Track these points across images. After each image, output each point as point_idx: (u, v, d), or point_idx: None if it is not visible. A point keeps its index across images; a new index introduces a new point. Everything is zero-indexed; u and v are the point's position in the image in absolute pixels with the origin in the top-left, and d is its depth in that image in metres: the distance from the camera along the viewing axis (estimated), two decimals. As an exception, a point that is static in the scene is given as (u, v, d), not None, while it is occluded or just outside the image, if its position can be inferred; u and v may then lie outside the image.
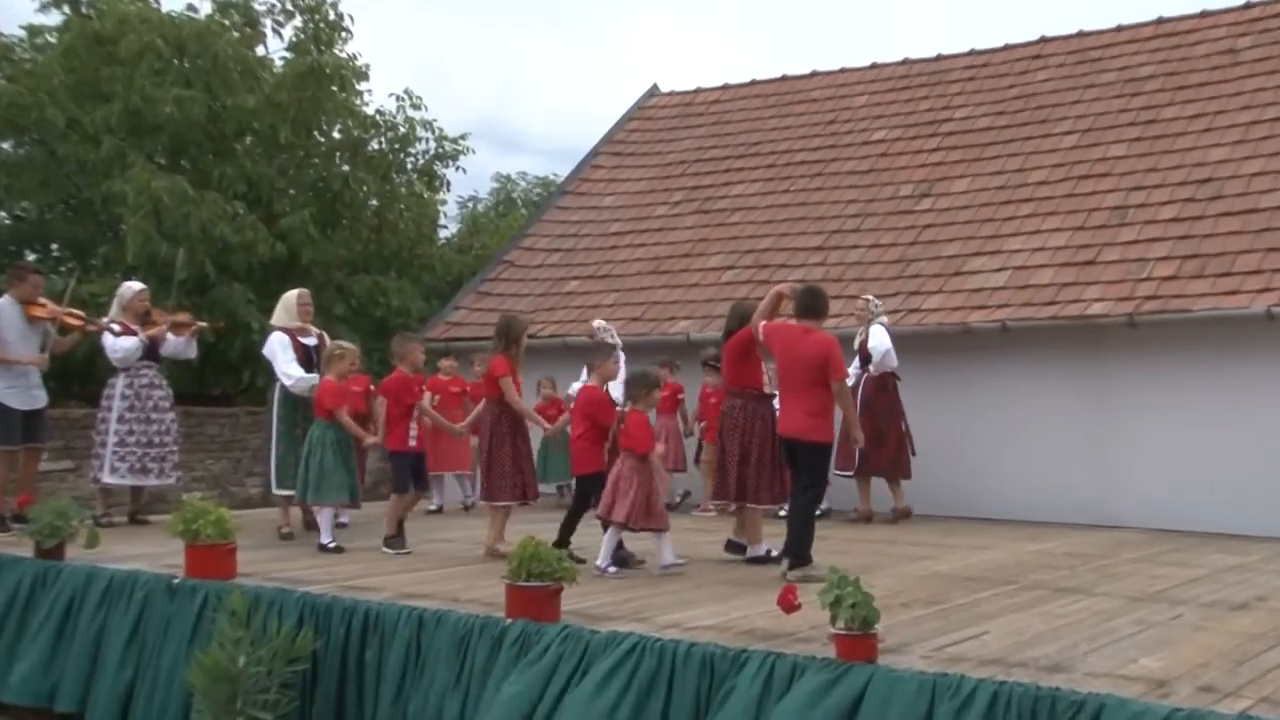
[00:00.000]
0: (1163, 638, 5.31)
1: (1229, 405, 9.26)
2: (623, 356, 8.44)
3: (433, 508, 10.46)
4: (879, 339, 9.45)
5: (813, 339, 6.81)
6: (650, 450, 6.86)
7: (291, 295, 8.81)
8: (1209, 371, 9.37)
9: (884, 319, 9.74)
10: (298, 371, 8.45)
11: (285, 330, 8.60)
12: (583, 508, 7.26)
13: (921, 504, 9.88)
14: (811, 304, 6.91)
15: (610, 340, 9.07)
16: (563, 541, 6.97)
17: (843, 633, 4.67)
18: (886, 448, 9.42)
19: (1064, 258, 10.39)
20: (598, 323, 9.68)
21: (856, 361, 9.66)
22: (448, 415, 9.24)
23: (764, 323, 7.06)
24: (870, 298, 9.92)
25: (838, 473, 9.35)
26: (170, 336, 9.36)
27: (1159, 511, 9.41)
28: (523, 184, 29.25)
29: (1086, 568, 7.43)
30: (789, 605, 4.97)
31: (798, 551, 6.62)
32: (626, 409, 7.01)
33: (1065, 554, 8.03)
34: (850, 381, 8.99)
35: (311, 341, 8.67)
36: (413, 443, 7.81)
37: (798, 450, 6.77)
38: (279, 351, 8.50)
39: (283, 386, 8.52)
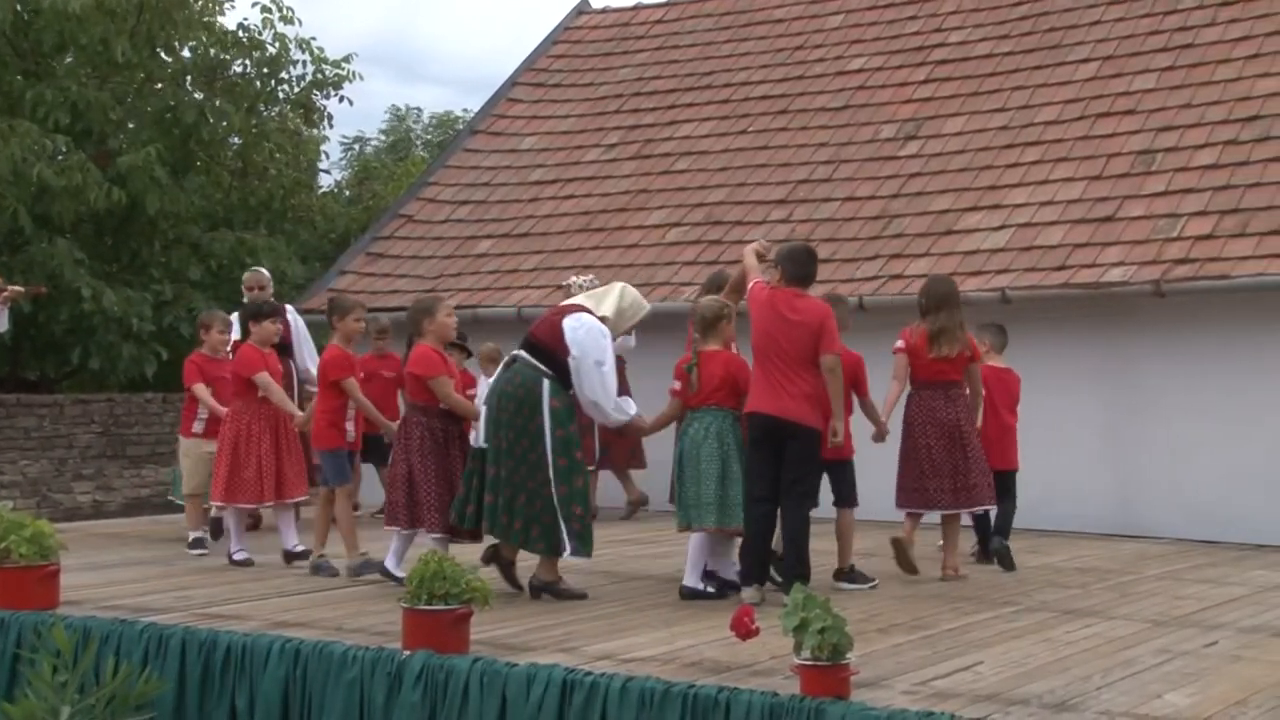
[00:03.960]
0: (1192, 670, 5.45)
1: (1273, 391, 9.47)
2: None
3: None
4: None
5: (806, 304, 6.90)
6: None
7: (635, 298, 7.36)
8: (1251, 350, 9.58)
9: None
10: (630, 405, 7.24)
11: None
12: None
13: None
14: (809, 268, 7.05)
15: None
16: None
17: (809, 663, 4.73)
18: (627, 438, 9.90)
19: (1077, 213, 10.55)
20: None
21: None
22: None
23: (753, 282, 7.09)
24: (574, 279, 10.26)
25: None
26: (-29, 304, 9.18)
27: (1190, 519, 9.62)
28: (423, 120, 29.10)
29: (1101, 586, 7.58)
30: (745, 630, 5.02)
31: (800, 571, 6.72)
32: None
33: (1075, 569, 8.19)
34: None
35: None
36: None
37: (789, 437, 6.80)
38: (612, 367, 7.04)
39: (570, 410, 7.00)
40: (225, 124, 16.06)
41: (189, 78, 16.51)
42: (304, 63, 16.83)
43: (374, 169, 23.96)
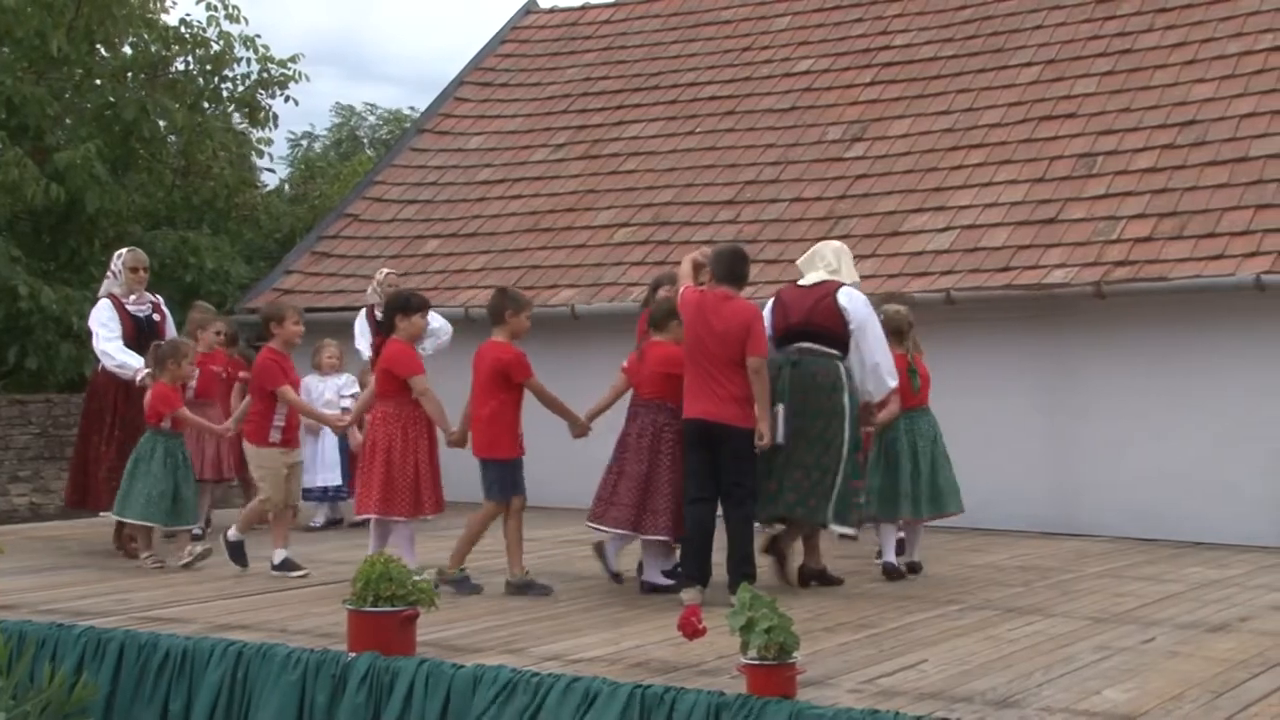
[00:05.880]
0: (1130, 665, 5.54)
1: (1211, 391, 9.63)
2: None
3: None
4: (435, 319, 9.80)
5: (732, 307, 6.93)
6: None
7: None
8: (1187, 351, 9.73)
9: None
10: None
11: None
12: None
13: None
14: (735, 268, 7.09)
15: None
16: None
17: (755, 662, 4.76)
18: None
19: (1020, 215, 10.67)
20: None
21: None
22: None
23: (684, 286, 7.14)
24: (387, 270, 10.63)
25: None
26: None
27: (1128, 517, 9.75)
28: (370, 119, 28.96)
29: (1043, 584, 7.68)
30: (692, 630, 5.04)
31: (746, 571, 6.75)
32: None
33: (1017, 568, 8.29)
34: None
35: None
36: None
37: (722, 439, 6.84)
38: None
39: None
40: (167, 121, 15.89)
41: (130, 74, 16.33)
42: (249, 60, 16.71)
43: (319, 168, 23.82)
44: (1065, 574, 8.03)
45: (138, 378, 8.43)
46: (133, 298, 8.86)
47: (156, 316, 8.96)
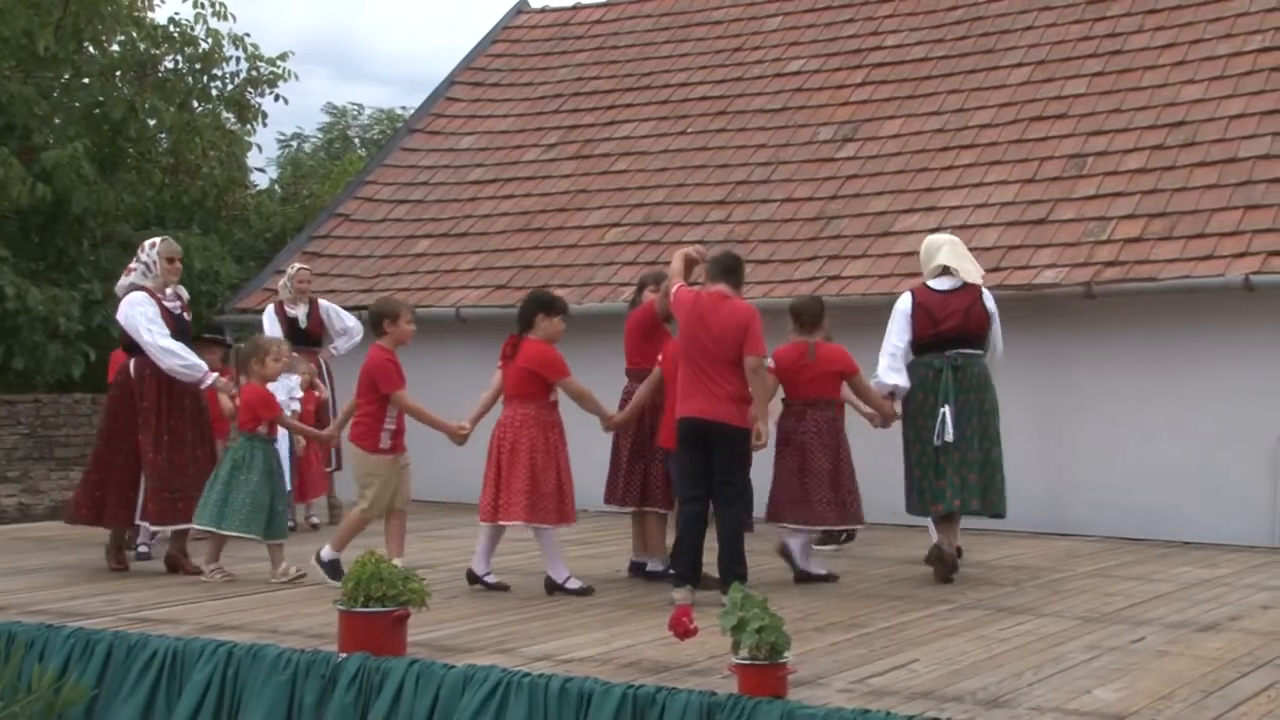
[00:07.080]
0: (1120, 665, 5.56)
1: (1200, 391, 9.68)
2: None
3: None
4: (348, 318, 10.45)
5: (731, 306, 6.95)
6: None
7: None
8: (1177, 351, 9.78)
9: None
10: None
11: None
12: None
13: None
14: (731, 265, 7.13)
15: None
16: None
17: (747, 662, 4.78)
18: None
19: (1011, 216, 10.71)
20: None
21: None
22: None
23: (677, 285, 7.16)
24: (299, 265, 10.83)
25: None
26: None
27: (1118, 517, 9.80)
28: (361, 118, 28.94)
29: (1033, 583, 7.71)
30: (683, 630, 5.06)
31: (737, 571, 6.76)
32: None
33: (1008, 567, 8.32)
34: None
35: None
36: None
37: (716, 438, 6.84)
38: None
39: None
40: (156, 120, 15.87)
41: (118, 73, 16.30)
42: (238, 59, 16.70)
43: (309, 167, 23.81)
44: (1056, 573, 8.06)
45: (207, 380, 7.70)
46: (169, 291, 7.82)
47: (187, 315, 8.00)
